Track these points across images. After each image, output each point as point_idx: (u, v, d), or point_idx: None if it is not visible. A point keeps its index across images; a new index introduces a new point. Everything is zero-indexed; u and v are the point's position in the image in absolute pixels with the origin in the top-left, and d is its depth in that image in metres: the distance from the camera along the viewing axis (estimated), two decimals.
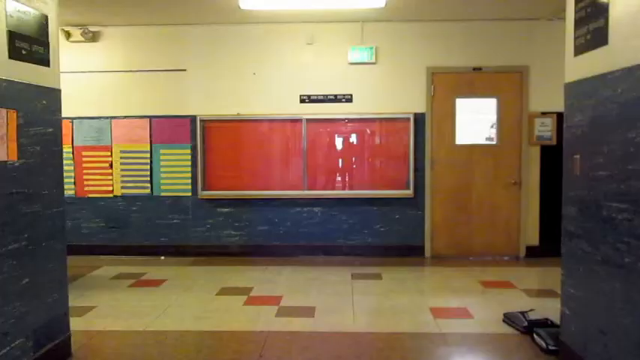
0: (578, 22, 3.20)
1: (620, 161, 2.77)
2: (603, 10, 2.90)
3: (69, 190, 6.58)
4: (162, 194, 6.72)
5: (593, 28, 3.01)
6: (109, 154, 6.71)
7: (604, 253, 2.91)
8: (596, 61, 3.00)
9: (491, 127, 6.51)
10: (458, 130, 6.48)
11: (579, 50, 3.20)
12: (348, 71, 6.50)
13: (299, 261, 6.41)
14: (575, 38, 3.24)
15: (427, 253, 6.58)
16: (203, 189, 6.62)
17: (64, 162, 3.75)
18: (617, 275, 2.78)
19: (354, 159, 6.66)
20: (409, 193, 6.50)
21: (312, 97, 6.53)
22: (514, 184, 6.47)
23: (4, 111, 2.93)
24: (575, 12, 3.24)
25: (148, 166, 6.70)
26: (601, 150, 2.95)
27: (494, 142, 6.50)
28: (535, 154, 6.46)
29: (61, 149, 3.60)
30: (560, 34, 3.61)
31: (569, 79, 3.36)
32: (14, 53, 3.03)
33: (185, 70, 6.60)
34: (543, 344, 3.65)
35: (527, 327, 3.94)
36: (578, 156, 3.23)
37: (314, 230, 6.64)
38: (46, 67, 3.35)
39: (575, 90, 3.28)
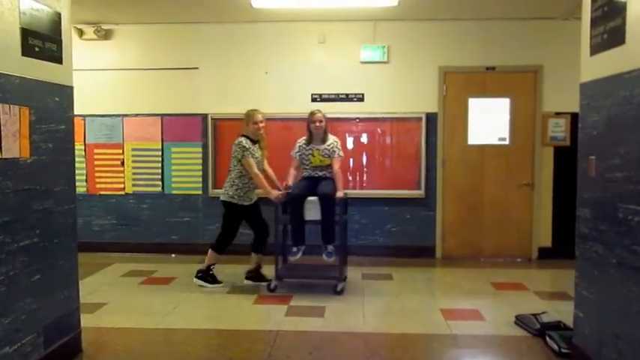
0: (595, 22, 3.16)
1: (636, 163, 2.72)
2: (620, 10, 2.85)
3: (80, 188, 6.58)
4: (173, 192, 6.74)
5: (610, 27, 2.96)
6: (121, 151, 6.75)
7: (619, 256, 2.87)
8: (613, 61, 2.95)
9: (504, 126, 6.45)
10: (470, 130, 6.43)
11: (595, 50, 3.16)
12: (360, 70, 6.48)
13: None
14: (592, 37, 3.19)
15: (438, 253, 6.54)
16: (214, 187, 6.62)
17: (76, 159, 3.75)
18: (633, 279, 2.73)
19: (365, 158, 6.63)
20: (420, 193, 6.47)
21: (323, 96, 6.51)
22: (526, 185, 6.41)
23: (16, 108, 2.94)
24: (592, 11, 3.19)
25: (159, 164, 6.73)
26: (617, 151, 2.90)
27: (506, 143, 6.44)
28: (548, 154, 6.39)
29: (73, 146, 3.61)
30: (574, 34, 3.56)
31: (585, 79, 3.32)
32: (27, 50, 3.03)
33: (197, 68, 6.61)
34: (556, 347, 3.61)
35: (540, 329, 3.89)
36: (593, 157, 3.18)
37: None
38: (59, 65, 3.36)
39: (591, 90, 3.23)
